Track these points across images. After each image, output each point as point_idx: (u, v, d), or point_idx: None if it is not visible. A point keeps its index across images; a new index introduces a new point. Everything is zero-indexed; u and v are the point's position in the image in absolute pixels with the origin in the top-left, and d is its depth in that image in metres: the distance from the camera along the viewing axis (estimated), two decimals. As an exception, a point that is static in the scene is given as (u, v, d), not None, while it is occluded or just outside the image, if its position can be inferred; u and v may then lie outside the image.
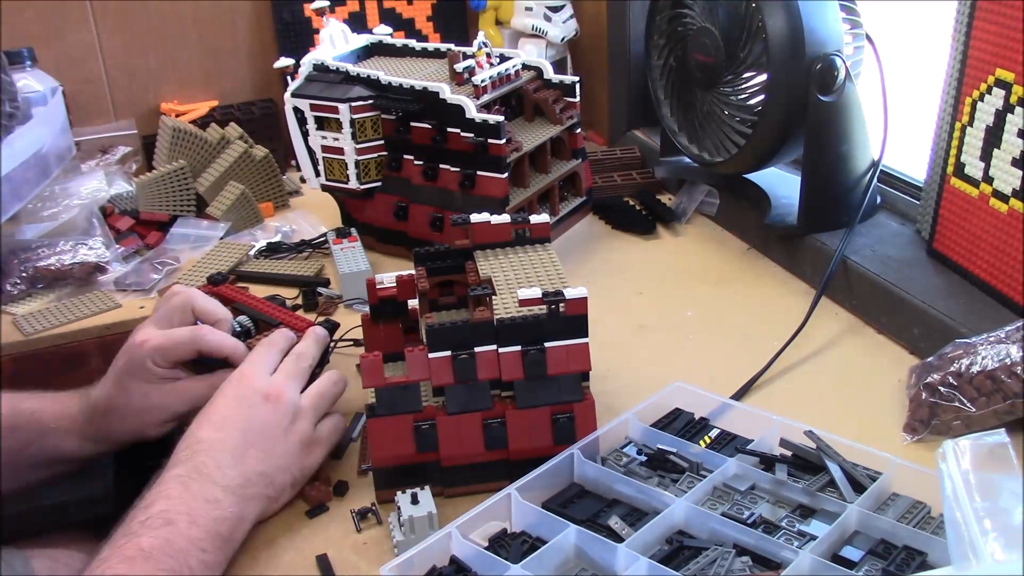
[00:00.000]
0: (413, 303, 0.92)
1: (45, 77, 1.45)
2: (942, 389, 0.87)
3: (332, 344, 0.94)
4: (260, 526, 0.82)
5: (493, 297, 0.83)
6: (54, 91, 1.43)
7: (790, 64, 1.09)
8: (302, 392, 0.85)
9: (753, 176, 1.29)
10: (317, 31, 1.35)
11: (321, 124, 1.24)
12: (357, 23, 1.66)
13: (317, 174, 1.28)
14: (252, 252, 1.31)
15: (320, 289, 1.21)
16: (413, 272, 0.91)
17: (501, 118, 1.14)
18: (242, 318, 0.96)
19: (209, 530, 0.73)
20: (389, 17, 1.69)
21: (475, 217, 0.91)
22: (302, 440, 0.82)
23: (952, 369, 0.88)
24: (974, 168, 1.01)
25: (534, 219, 0.92)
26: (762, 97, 1.13)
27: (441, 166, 1.20)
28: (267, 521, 0.82)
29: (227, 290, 1.02)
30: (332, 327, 0.94)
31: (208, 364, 0.89)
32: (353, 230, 1.29)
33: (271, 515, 0.81)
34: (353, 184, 1.26)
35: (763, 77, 1.12)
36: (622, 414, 0.86)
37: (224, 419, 0.79)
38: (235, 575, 0.77)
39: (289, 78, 1.27)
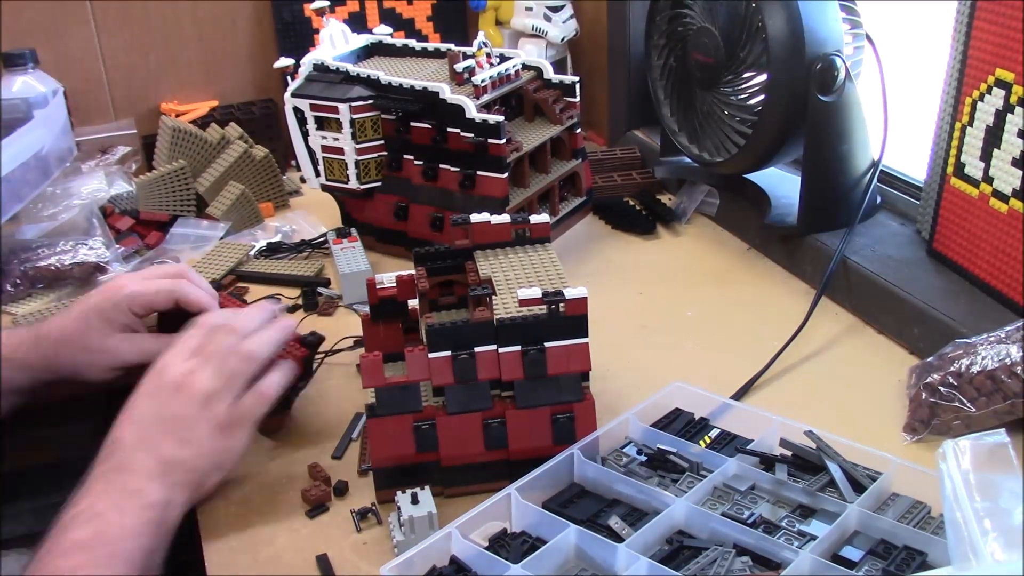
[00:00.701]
0: (413, 303, 0.92)
1: (47, 78, 1.45)
2: (942, 389, 0.87)
3: (320, 358, 0.93)
4: (260, 526, 0.82)
5: (493, 297, 0.83)
6: (55, 92, 1.43)
7: (790, 64, 1.09)
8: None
9: (753, 176, 1.29)
10: (317, 31, 1.35)
11: (321, 124, 1.24)
12: (357, 23, 1.66)
13: (317, 174, 1.28)
14: (252, 252, 1.31)
15: (320, 289, 1.21)
16: (413, 272, 0.91)
17: (501, 118, 1.14)
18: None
19: (138, 517, 0.74)
20: (389, 17, 1.69)
21: (475, 217, 0.91)
22: (219, 424, 0.80)
23: (952, 369, 0.88)
24: (974, 168, 1.01)
25: (534, 219, 0.92)
26: (762, 97, 1.13)
27: (441, 166, 1.20)
28: (267, 521, 0.83)
29: (223, 299, 1.01)
30: (316, 341, 0.94)
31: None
32: (353, 230, 1.29)
33: (205, 498, 0.81)
34: (353, 184, 1.26)
35: (763, 77, 1.12)
36: (622, 414, 0.86)
37: (139, 415, 0.79)
38: (235, 575, 0.77)
39: (289, 78, 1.27)
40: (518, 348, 0.80)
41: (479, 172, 1.17)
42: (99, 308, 0.89)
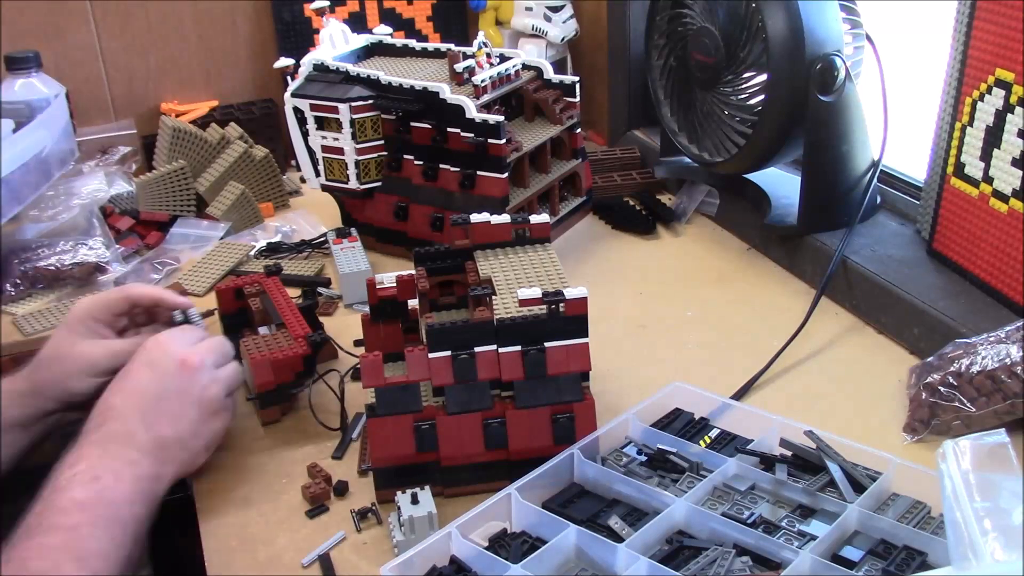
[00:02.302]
0: (413, 303, 0.93)
1: (50, 81, 1.45)
2: (942, 389, 0.87)
3: (310, 383, 0.95)
4: (260, 526, 0.82)
5: (493, 297, 0.83)
6: (57, 95, 1.43)
7: (790, 64, 1.09)
8: None
9: (753, 176, 1.29)
10: (317, 31, 1.35)
11: (321, 124, 1.24)
12: (357, 23, 1.66)
13: (317, 174, 1.28)
14: (252, 252, 1.31)
15: (320, 289, 1.21)
16: (413, 272, 0.91)
17: (501, 118, 1.14)
18: (192, 311, 0.97)
19: (134, 487, 0.77)
20: (389, 17, 1.69)
21: (475, 217, 0.91)
22: (211, 407, 0.85)
23: (952, 369, 0.88)
24: (974, 168, 1.01)
25: (534, 219, 0.92)
26: (762, 97, 1.13)
27: (441, 166, 1.20)
28: (267, 521, 0.83)
29: (271, 283, 1.04)
30: (321, 341, 0.96)
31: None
32: (353, 230, 1.29)
33: (189, 474, 0.85)
34: (353, 184, 1.26)
35: (763, 77, 1.12)
36: (622, 414, 0.86)
37: (135, 384, 0.82)
38: (235, 575, 0.77)
39: (289, 78, 1.27)
40: (518, 348, 0.80)
41: (479, 172, 1.17)
42: (66, 324, 0.93)
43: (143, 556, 0.79)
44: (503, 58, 1.26)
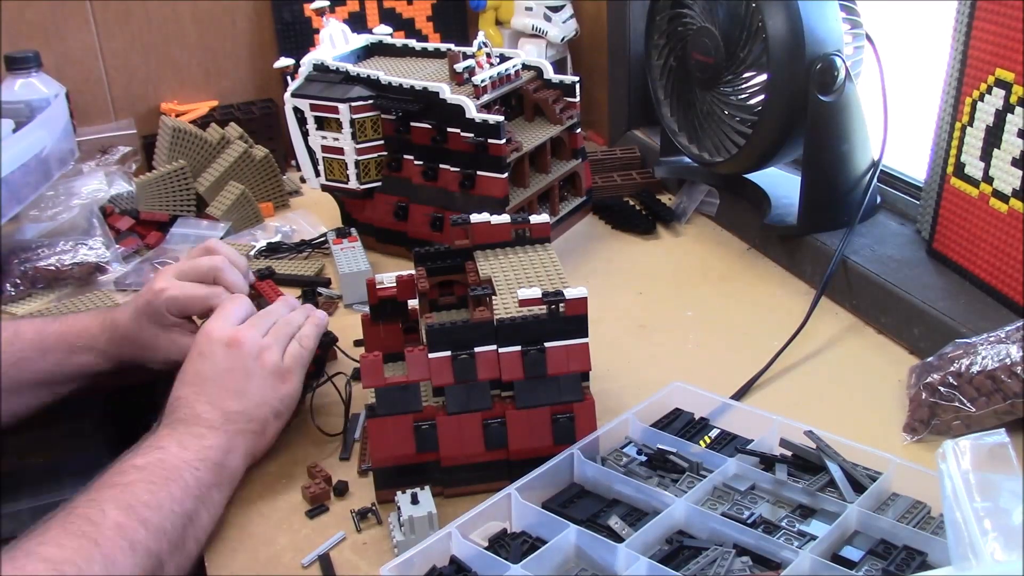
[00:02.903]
0: (413, 303, 0.92)
1: (50, 81, 1.45)
2: (942, 389, 0.87)
3: (315, 385, 0.96)
4: (260, 526, 0.82)
5: (493, 297, 0.83)
6: (57, 95, 1.43)
7: (790, 64, 1.09)
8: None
9: (753, 176, 1.29)
10: (317, 31, 1.35)
11: (321, 124, 1.24)
12: (357, 23, 1.66)
13: (317, 174, 1.28)
14: (252, 252, 1.31)
15: (320, 289, 1.21)
16: (413, 272, 0.91)
17: (501, 118, 1.14)
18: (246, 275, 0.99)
19: (198, 454, 0.80)
20: (389, 17, 1.69)
21: (475, 217, 0.91)
22: (273, 373, 0.87)
23: (952, 369, 0.88)
24: (974, 168, 1.01)
25: (534, 219, 0.92)
26: (762, 97, 1.13)
27: (441, 166, 1.20)
28: (267, 521, 0.83)
29: (266, 286, 1.04)
30: (330, 340, 0.97)
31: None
32: (353, 230, 1.29)
33: (263, 450, 0.88)
34: (353, 184, 1.26)
35: (763, 77, 1.12)
36: (622, 414, 0.86)
37: (194, 374, 0.86)
38: (235, 575, 0.77)
39: (289, 78, 1.27)
40: (518, 348, 0.80)
41: (479, 172, 1.17)
42: (146, 312, 0.95)
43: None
44: (503, 58, 1.26)
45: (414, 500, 0.77)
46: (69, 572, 0.66)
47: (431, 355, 0.80)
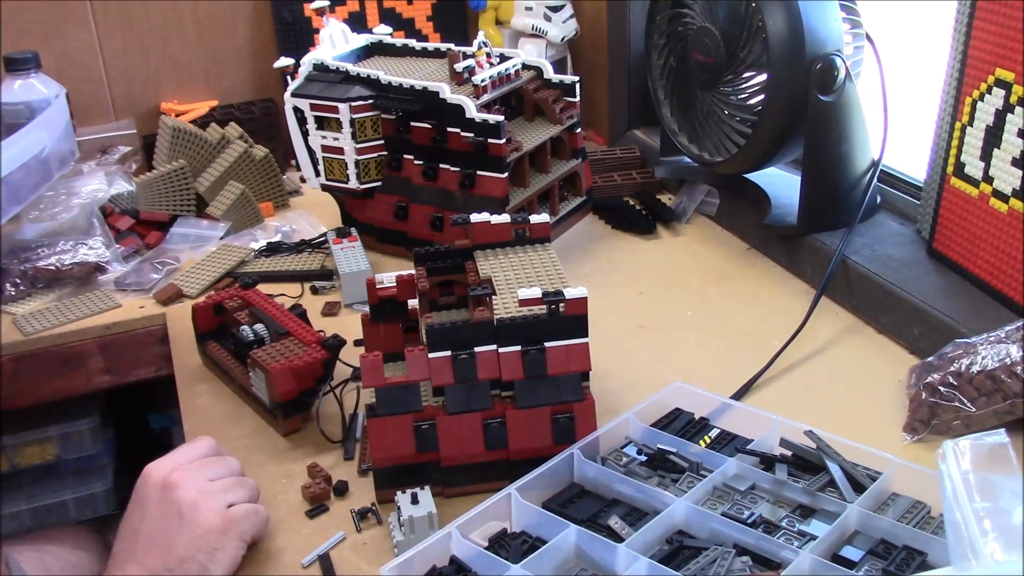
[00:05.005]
0: (413, 303, 0.92)
1: (50, 82, 1.45)
2: (942, 389, 0.87)
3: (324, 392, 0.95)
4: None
5: (493, 297, 0.83)
6: (57, 96, 1.43)
7: (790, 64, 1.09)
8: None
9: (753, 176, 1.29)
10: (317, 31, 1.35)
11: (321, 124, 1.24)
12: (357, 23, 1.66)
13: (317, 174, 1.28)
14: (251, 253, 1.31)
15: (320, 283, 1.21)
16: (413, 272, 0.91)
17: (501, 118, 1.14)
18: (258, 326, 0.99)
19: None
20: (389, 17, 1.69)
21: (475, 217, 0.91)
22: (209, 529, 0.75)
23: (952, 369, 0.88)
24: (974, 168, 1.01)
25: (534, 219, 0.92)
26: (762, 97, 1.13)
27: (441, 166, 1.20)
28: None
29: (253, 294, 1.04)
30: (338, 344, 0.95)
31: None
32: (353, 230, 1.29)
33: None
34: (353, 184, 1.26)
35: (763, 77, 1.12)
36: (622, 414, 0.86)
37: (129, 528, 0.77)
38: (235, 575, 0.77)
39: (289, 78, 1.27)
40: (518, 348, 0.80)
41: (479, 172, 1.17)
42: None
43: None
44: (503, 58, 1.26)
45: (414, 500, 0.77)
46: None
47: (431, 355, 0.80)
